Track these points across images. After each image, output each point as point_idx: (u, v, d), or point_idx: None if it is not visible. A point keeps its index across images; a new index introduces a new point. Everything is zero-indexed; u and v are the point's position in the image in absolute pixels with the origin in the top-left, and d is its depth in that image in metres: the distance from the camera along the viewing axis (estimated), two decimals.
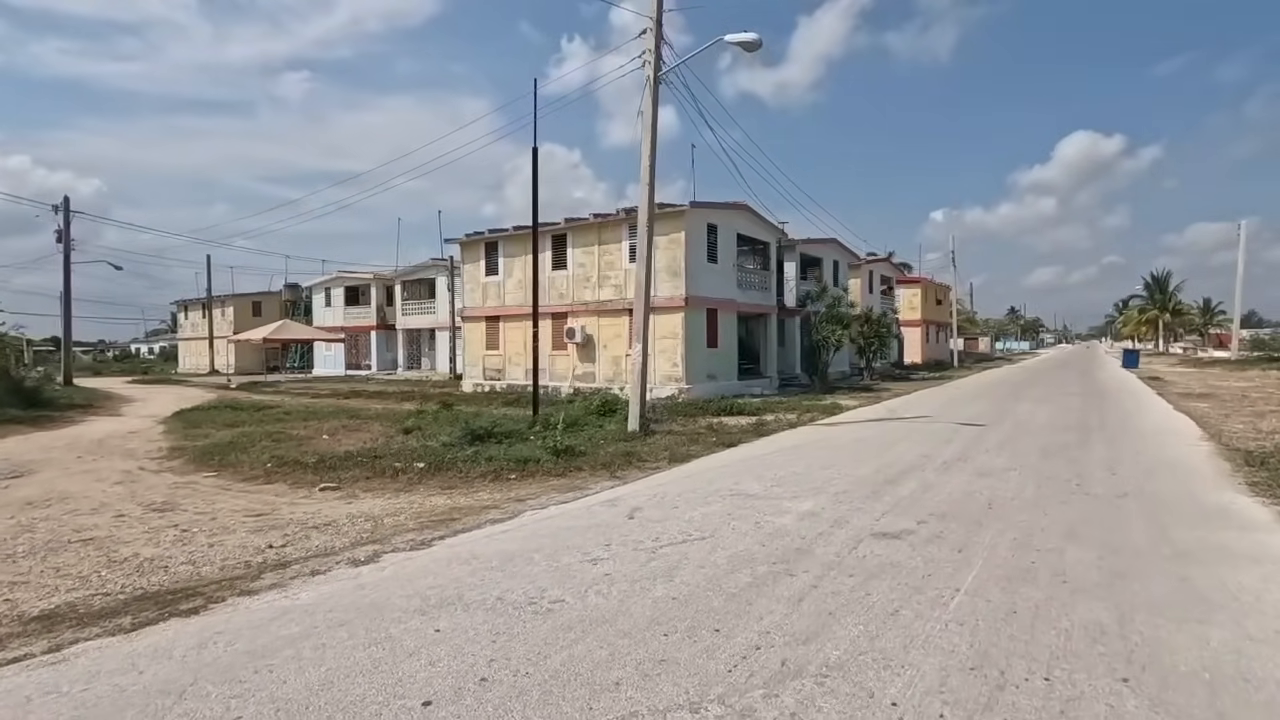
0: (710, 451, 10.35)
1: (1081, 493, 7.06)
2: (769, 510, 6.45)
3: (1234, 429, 12.35)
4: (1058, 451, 9.72)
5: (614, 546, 5.38)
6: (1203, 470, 8.29)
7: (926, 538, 5.49)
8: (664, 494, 7.36)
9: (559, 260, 22.93)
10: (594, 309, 21.96)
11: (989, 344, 79.32)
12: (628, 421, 12.27)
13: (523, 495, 7.82)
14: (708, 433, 12.41)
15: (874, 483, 7.66)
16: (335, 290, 41.23)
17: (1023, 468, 8.48)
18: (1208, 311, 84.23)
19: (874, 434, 11.84)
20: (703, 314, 20.90)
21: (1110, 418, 14.03)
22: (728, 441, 11.08)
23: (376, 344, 39.21)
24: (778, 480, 7.91)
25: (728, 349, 22.34)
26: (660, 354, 20.57)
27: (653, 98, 11.81)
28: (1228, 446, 10.05)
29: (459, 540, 5.82)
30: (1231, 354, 42.39)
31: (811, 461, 9.14)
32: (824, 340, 22.75)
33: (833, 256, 30.89)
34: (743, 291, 23.28)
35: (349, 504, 7.95)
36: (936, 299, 49.69)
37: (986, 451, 9.73)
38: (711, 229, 21.35)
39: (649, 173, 11.92)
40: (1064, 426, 12.54)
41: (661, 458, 9.84)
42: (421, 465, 9.59)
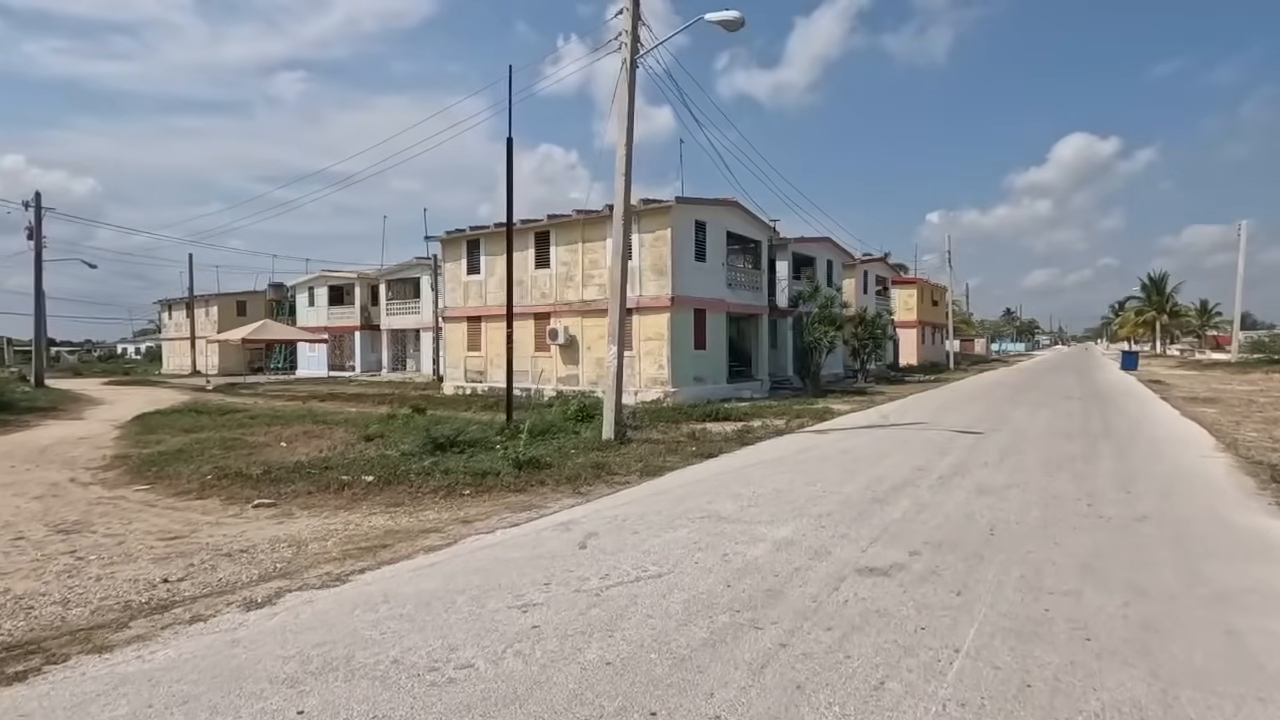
0: (687, 463, 9.56)
1: (1094, 515, 6.29)
2: (741, 538, 5.66)
3: (1248, 437, 11.62)
4: (1063, 464, 8.95)
5: (554, 586, 4.59)
6: (1224, 487, 7.53)
7: (920, 575, 4.71)
8: (626, 516, 6.57)
9: (542, 258, 22.13)
10: (578, 309, 21.16)
11: (985, 345, 78.75)
12: (603, 429, 11.47)
13: (471, 515, 7.02)
14: (688, 441, 11.62)
15: (862, 502, 6.88)
16: (319, 290, 40.34)
17: (1026, 484, 7.71)
18: (1205, 313, 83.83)
19: (865, 443, 11.07)
20: (690, 314, 20.12)
21: (1115, 425, 13.28)
22: (707, 452, 10.29)
23: (361, 345, 38.32)
24: (756, 499, 7.12)
25: (716, 351, 21.56)
26: (645, 356, 19.79)
27: (629, 83, 11.02)
28: (1246, 458, 9.30)
29: (379, 575, 5.01)
30: (1231, 356, 41.78)
31: (795, 476, 8.35)
32: (816, 342, 21.98)
33: (826, 256, 30.14)
34: (733, 291, 22.51)
35: (279, 524, 7.14)
36: (932, 300, 49.02)
37: (985, 464, 8.96)
38: (699, 226, 20.57)
39: (625, 163, 11.14)
40: (1067, 434, 11.79)
41: (633, 470, 9.04)
42: (370, 479, 8.78)
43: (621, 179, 11.21)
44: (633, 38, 11.05)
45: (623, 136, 11.13)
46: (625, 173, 11.17)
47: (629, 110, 11.09)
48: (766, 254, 25.16)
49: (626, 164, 11.16)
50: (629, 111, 11.10)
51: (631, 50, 11.05)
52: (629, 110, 11.09)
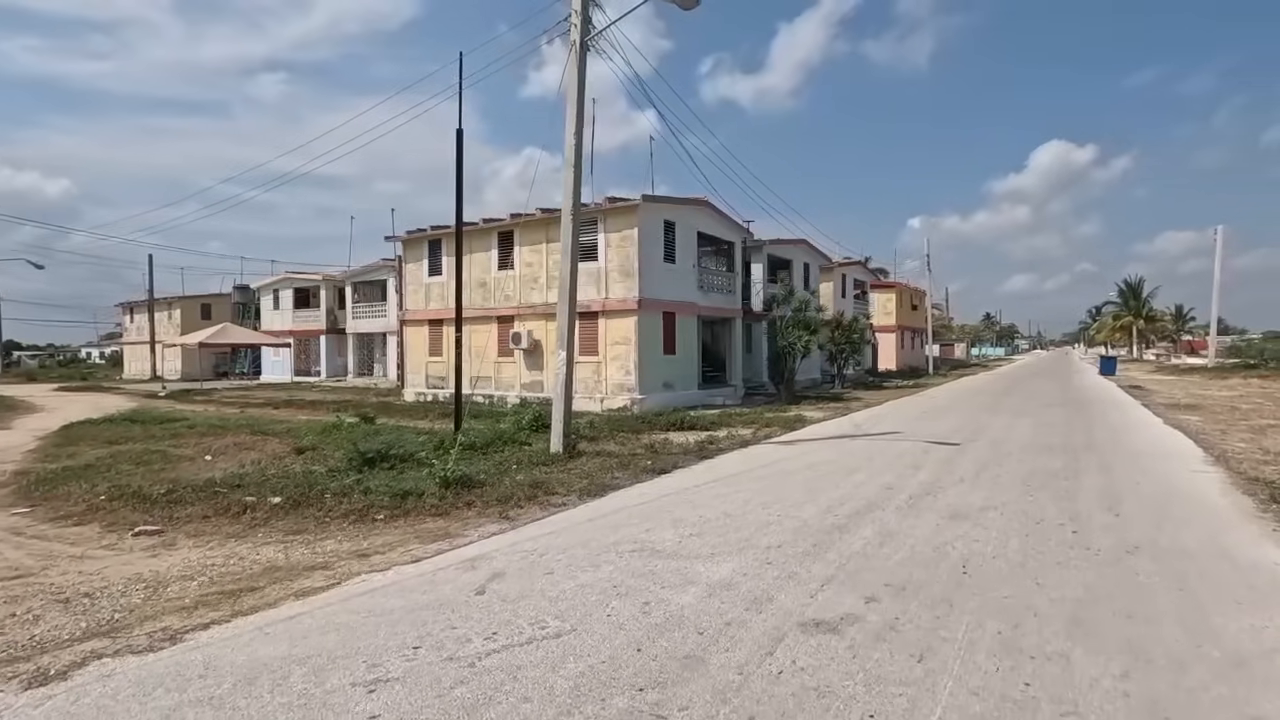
0: (637, 481, 8.69)
1: (1080, 546, 5.50)
2: (671, 579, 4.79)
3: (1236, 448, 10.97)
4: (1045, 481, 8.19)
5: (423, 652, 3.69)
6: (1221, 508, 6.79)
7: (875, 631, 3.87)
8: (548, 549, 5.67)
9: (505, 259, 21.19)
10: (542, 312, 20.23)
11: (965, 350, 78.77)
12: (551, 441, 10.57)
13: (374, 547, 6.09)
14: (645, 454, 10.75)
15: (819, 530, 6.04)
16: (284, 292, 39.02)
17: (1004, 505, 6.92)
18: (1180, 318, 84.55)
19: (832, 456, 10.26)
20: (658, 317, 19.28)
21: (1099, 435, 12.61)
22: (661, 467, 9.42)
23: (326, 349, 37.06)
24: (700, 526, 6.26)
25: (687, 355, 20.73)
26: (612, 361, 18.91)
27: (579, 66, 10.16)
28: (1239, 473, 8.61)
29: (218, 635, 4.08)
30: (1208, 361, 41.73)
31: (750, 496, 7.50)
32: (790, 347, 21.21)
33: (803, 259, 29.47)
34: (704, 294, 21.71)
35: (153, 558, 6.17)
36: (912, 304, 48.63)
37: (961, 481, 8.17)
38: (668, 226, 19.75)
39: (574, 152, 10.27)
40: (1048, 446, 11.07)
41: (575, 489, 8.15)
42: (277, 500, 7.81)
43: (570, 170, 10.34)
44: (583, 19, 10.20)
45: (571, 124, 10.27)
46: (575, 163, 10.31)
47: (578, 96, 10.23)
48: (740, 256, 24.40)
49: (575, 154, 10.30)
50: (578, 98, 10.24)
51: (582, 32, 10.20)
52: (578, 96, 10.23)
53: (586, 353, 19.37)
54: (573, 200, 10.36)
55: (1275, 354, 40.44)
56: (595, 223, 19.08)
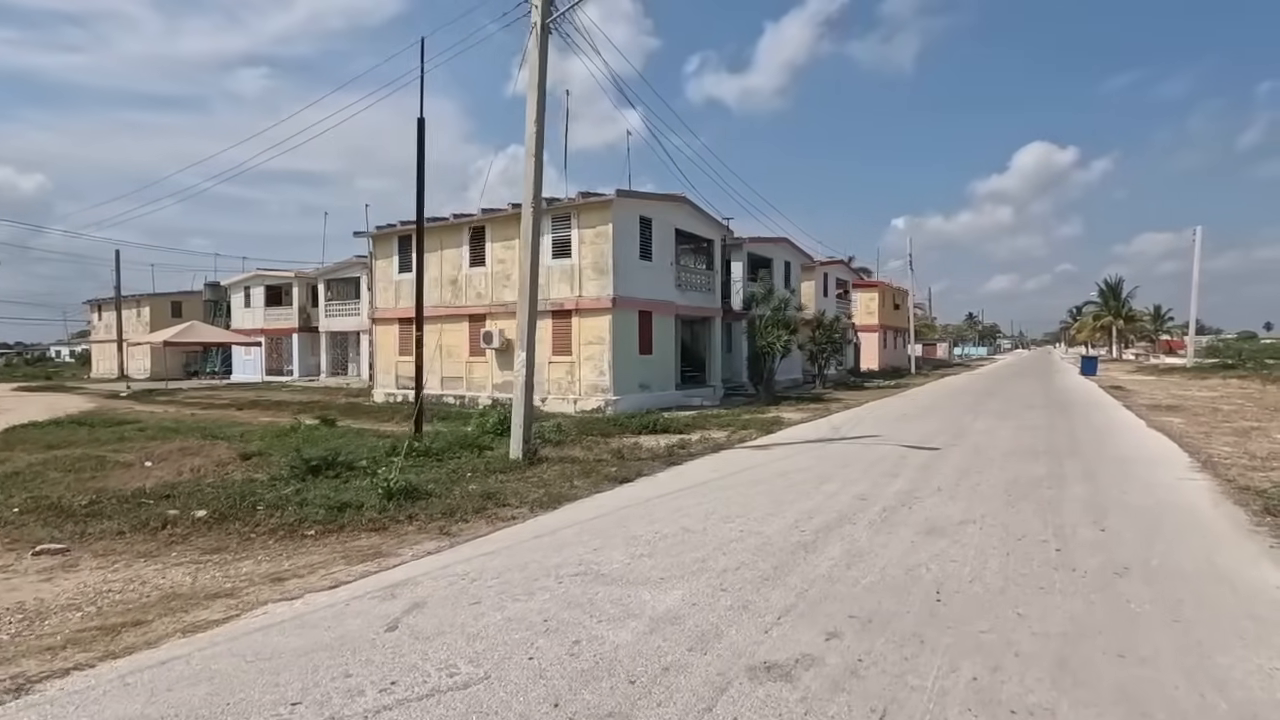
0: (596, 490, 8.14)
1: (1066, 568, 5.03)
2: (611, 611, 4.26)
3: (1221, 452, 10.63)
4: (1027, 490, 7.75)
5: (303, 708, 3.12)
6: (1213, 521, 6.37)
7: (834, 678, 3.36)
8: (481, 572, 5.12)
9: (477, 256, 20.55)
10: (514, 311, 19.56)
11: (947, 350, 78.99)
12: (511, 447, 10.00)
13: (295, 569, 5.51)
14: (610, 460, 10.22)
15: (783, 549, 5.53)
16: (255, 290, 38.04)
17: (984, 519, 6.46)
18: (1158, 318, 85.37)
19: (806, 463, 9.78)
20: (634, 316, 18.74)
21: (1082, 438, 12.23)
22: (624, 475, 8.88)
23: (299, 348, 36.15)
24: (654, 544, 5.73)
25: (664, 355, 20.22)
26: (585, 362, 18.35)
27: (539, 48, 9.59)
28: (1228, 480, 8.22)
29: (76, 683, 3.49)
30: (1187, 361, 41.87)
31: (714, 508, 6.99)
32: (769, 346, 20.76)
33: (784, 257, 29.06)
34: (682, 293, 21.20)
35: (46, 580, 5.55)
36: (894, 304, 48.48)
37: (938, 491, 7.71)
38: (645, 223, 19.21)
39: (534, 141, 9.70)
40: (1030, 451, 10.66)
41: (529, 501, 7.59)
42: (202, 514, 7.19)
43: (531, 160, 9.77)
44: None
45: (532, 111, 9.70)
46: (535, 153, 9.74)
47: (539, 81, 9.66)
48: (720, 254, 23.92)
49: (536, 143, 9.73)
50: (539, 83, 9.68)
51: (543, 13, 9.63)
52: (539, 81, 9.66)
53: (560, 353, 18.81)
54: (533, 192, 9.79)
55: (1252, 354, 40.71)
56: (568, 219, 18.52)
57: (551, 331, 18.95)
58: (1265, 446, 11.16)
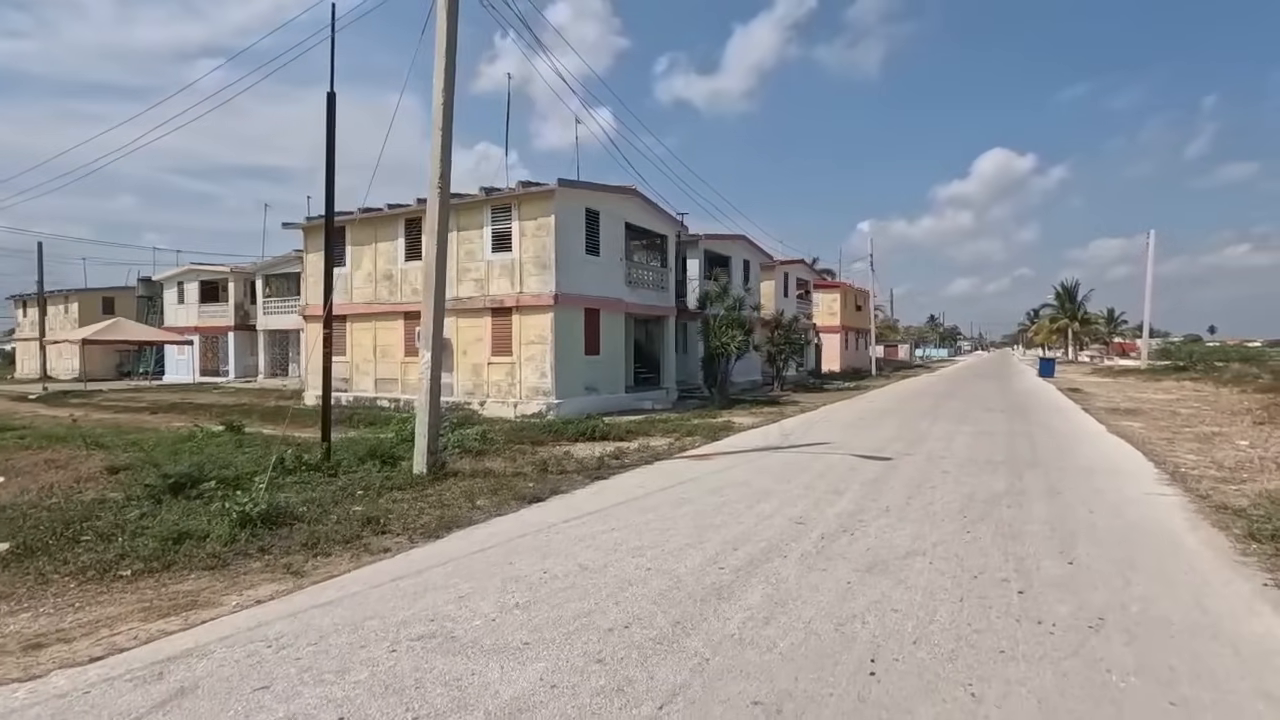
0: (499, 512, 7.04)
1: (1030, 619, 4.10)
2: (441, 700, 3.17)
3: (1187, 461, 9.98)
4: (985, 509, 6.87)
5: None
6: (1193, 550, 5.54)
7: None
8: (301, 634, 3.99)
9: (413, 249, 19.23)
10: (452, 308, 18.32)
11: (909, 351, 79.48)
12: (416, 460, 8.83)
13: (68, 629, 4.31)
14: (531, 473, 9.12)
15: (692, 595, 4.51)
16: (189, 285, 35.93)
17: (935, 549, 5.53)
18: (1112, 321, 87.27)
19: (745, 476, 8.80)
20: (579, 314, 17.64)
21: (1042, 446, 11.52)
22: (536, 494, 7.77)
23: (235, 347, 34.20)
24: (537, 589, 4.67)
25: (613, 356, 19.15)
26: (526, 363, 17.20)
27: (447, 4, 8.45)
28: (1200, 495, 7.48)
29: None
30: (1141, 363, 42.32)
31: (625, 538, 5.95)
32: (723, 347, 19.83)
33: (742, 255, 28.26)
34: (633, 290, 20.16)
35: None
36: (856, 305, 48.18)
37: (886, 511, 6.79)
38: (591, 215, 18.13)
39: (442, 112, 8.56)
40: (989, 461, 9.87)
41: (414, 527, 6.46)
42: (4, 547, 5.91)
43: (438, 134, 8.63)
44: None
45: (440, 77, 8.56)
46: (442, 125, 8.60)
47: (447, 43, 8.52)
48: (674, 251, 22.96)
49: (444, 114, 8.60)
50: (447, 47, 8.54)
51: None
52: (447, 43, 8.52)
53: (500, 353, 17.63)
54: (439, 170, 8.65)
55: (1202, 356, 41.30)
56: (509, 210, 17.36)
57: (491, 330, 17.77)
58: (1231, 454, 10.56)
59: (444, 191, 8.72)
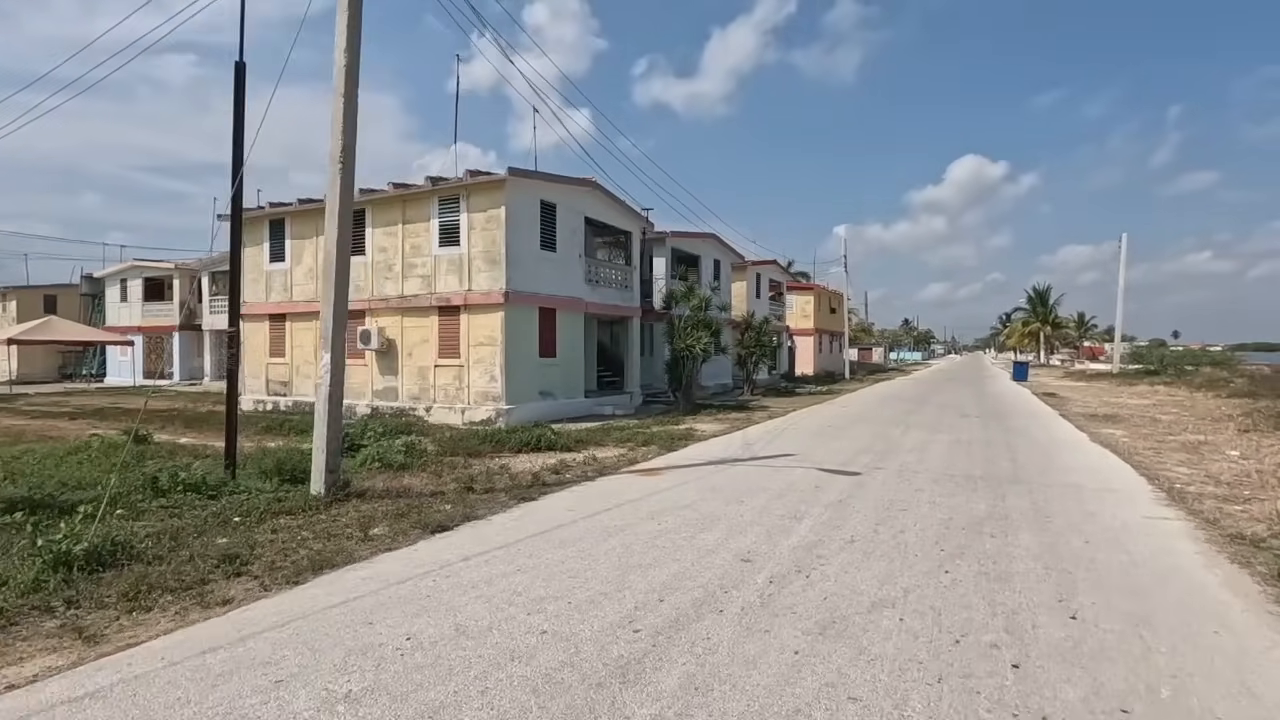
0: (393, 545, 5.87)
1: (1032, 716, 3.06)
2: None
3: (1179, 474, 9.13)
4: (965, 540, 5.87)
5: None
6: (1216, 595, 4.57)
7: None
8: None
9: (356, 243, 17.88)
10: (397, 306, 17.11)
11: (883, 354, 79.33)
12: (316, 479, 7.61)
13: None
14: (452, 493, 7.96)
15: (588, 676, 3.40)
16: (133, 282, 34.05)
17: (907, 597, 4.50)
18: (1082, 325, 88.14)
19: (693, 496, 7.73)
20: (533, 314, 16.48)
21: (1024, 458, 10.62)
22: (443, 521, 6.59)
23: (181, 347, 32.42)
24: (384, 666, 3.53)
25: (570, 359, 18.00)
26: (475, 366, 15.99)
27: None
28: (1206, 519, 6.57)
29: None
30: (1113, 367, 42.18)
31: (528, 582, 4.83)
32: (688, 349, 18.78)
33: (713, 255, 27.28)
34: (594, 289, 19.04)
35: None
36: (830, 307, 47.53)
37: (850, 543, 5.75)
38: (547, 208, 16.99)
39: (345, 75, 7.38)
40: (967, 476, 8.92)
41: (283, 566, 5.28)
42: None
43: (340, 101, 7.44)
44: None
45: (342, 35, 7.38)
46: (345, 91, 7.42)
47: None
48: (639, 248, 21.90)
49: (347, 78, 7.42)
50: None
51: None
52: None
53: (447, 355, 16.40)
54: (342, 143, 7.46)
55: (1174, 361, 41.23)
56: (457, 201, 16.15)
57: (438, 331, 16.53)
58: (1225, 467, 9.74)
59: (346, 167, 7.52)
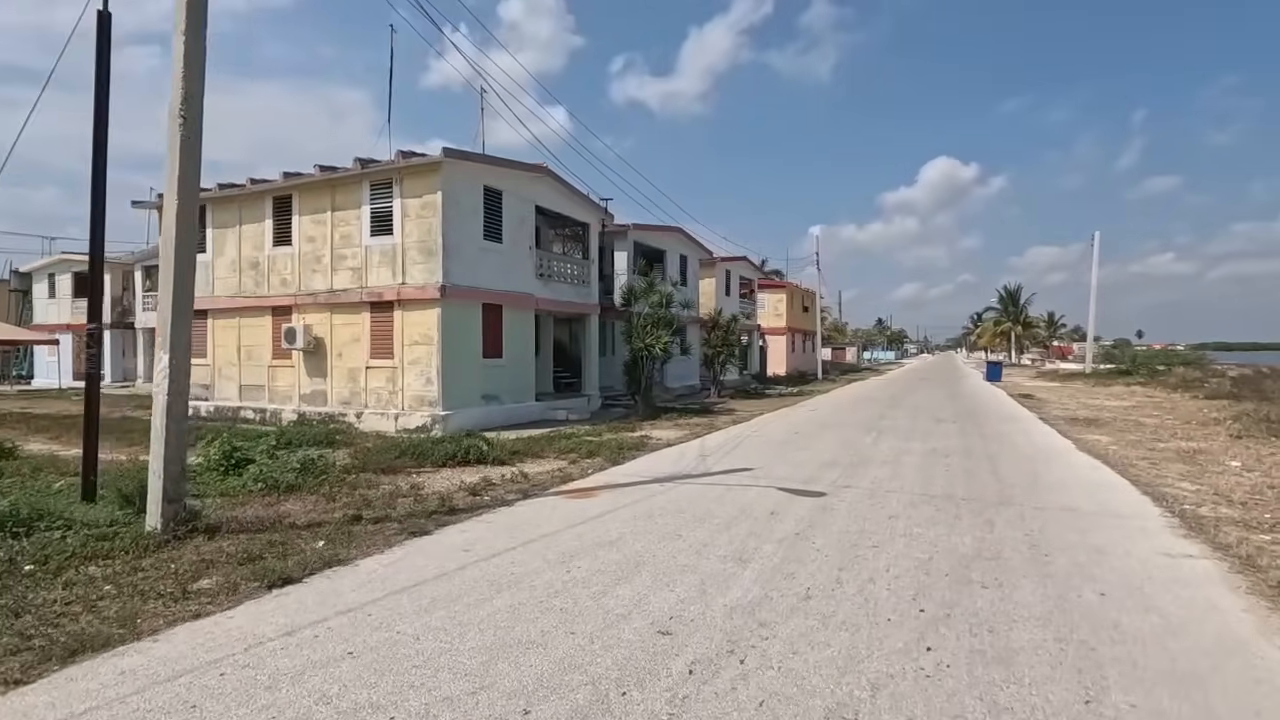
0: (209, 609, 4.45)
1: None
2: None
3: (1183, 490, 8.03)
4: (951, 597, 4.62)
5: None
6: None
7: None
8: None
9: (282, 233, 16.30)
10: (325, 302, 15.55)
11: (856, 354, 78.86)
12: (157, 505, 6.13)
13: None
14: (336, 522, 6.54)
15: None
16: (61, 277, 31.84)
17: (874, 696, 3.20)
18: (1052, 324, 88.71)
19: (620, 530, 6.39)
20: (475, 310, 15.04)
21: (1008, 471, 9.47)
22: (285, 572, 5.16)
23: (113, 347, 30.33)
24: None
25: (520, 359, 16.58)
26: (410, 367, 14.50)
27: None
28: (1236, 555, 5.41)
29: None
30: (1085, 367, 41.81)
31: (355, 676, 3.46)
32: (647, 349, 17.47)
33: (679, 250, 26.01)
34: (546, 284, 17.64)
35: None
36: (803, 306, 46.58)
37: (805, 600, 4.46)
38: (492, 195, 15.54)
39: (187, 11, 5.92)
40: (948, 497, 7.71)
41: (27, 648, 3.84)
42: None
43: (181, 40, 5.97)
44: None
45: None
46: (188, 28, 5.94)
47: None
48: (596, 240, 20.54)
49: (190, 13, 5.95)
50: None
51: None
52: None
53: (380, 355, 14.89)
54: (183, 89, 5.99)
55: (1145, 361, 41.01)
56: (390, 185, 14.65)
57: (370, 329, 15.01)
58: (1230, 482, 8.68)
59: (190, 123, 6.05)
